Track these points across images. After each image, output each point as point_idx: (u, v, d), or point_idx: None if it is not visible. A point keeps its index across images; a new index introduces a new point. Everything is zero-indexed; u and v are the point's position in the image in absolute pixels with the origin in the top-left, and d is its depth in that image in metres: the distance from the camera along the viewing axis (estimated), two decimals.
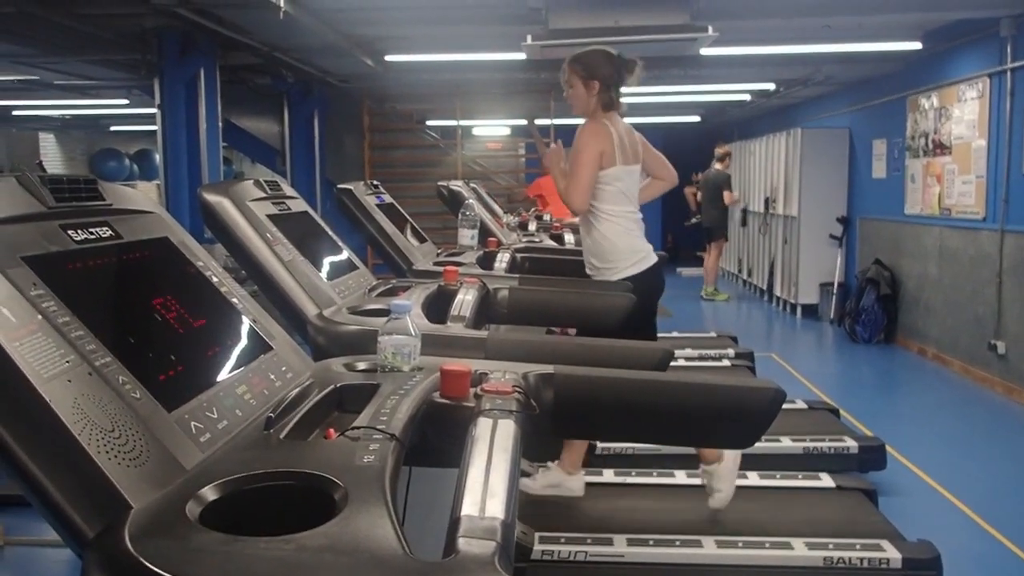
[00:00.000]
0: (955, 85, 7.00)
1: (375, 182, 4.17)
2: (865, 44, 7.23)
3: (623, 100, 3.38)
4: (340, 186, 3.84)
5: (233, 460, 1.24)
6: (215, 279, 1.73)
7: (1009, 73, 6.20)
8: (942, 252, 7.28)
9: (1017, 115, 6.12)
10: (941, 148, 7.27)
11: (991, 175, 6.49)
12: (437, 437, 1.54)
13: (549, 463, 3.51)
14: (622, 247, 3.35)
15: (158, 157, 7.54)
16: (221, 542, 1.01)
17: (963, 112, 6.90)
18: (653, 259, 3.40)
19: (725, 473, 3.28)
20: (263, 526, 1.05)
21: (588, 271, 3.47)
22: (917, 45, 7.15)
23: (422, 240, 4.20)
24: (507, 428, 1.35)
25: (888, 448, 4.36)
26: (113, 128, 15.47)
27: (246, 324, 1.70)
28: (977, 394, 6.39)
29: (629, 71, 3.32)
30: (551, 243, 5.26)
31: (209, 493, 1.13)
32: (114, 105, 11.49)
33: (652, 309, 3.44)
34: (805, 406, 4.97)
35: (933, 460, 4.73)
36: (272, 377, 1.61)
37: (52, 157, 15.84)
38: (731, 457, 3.28)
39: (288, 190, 2.89)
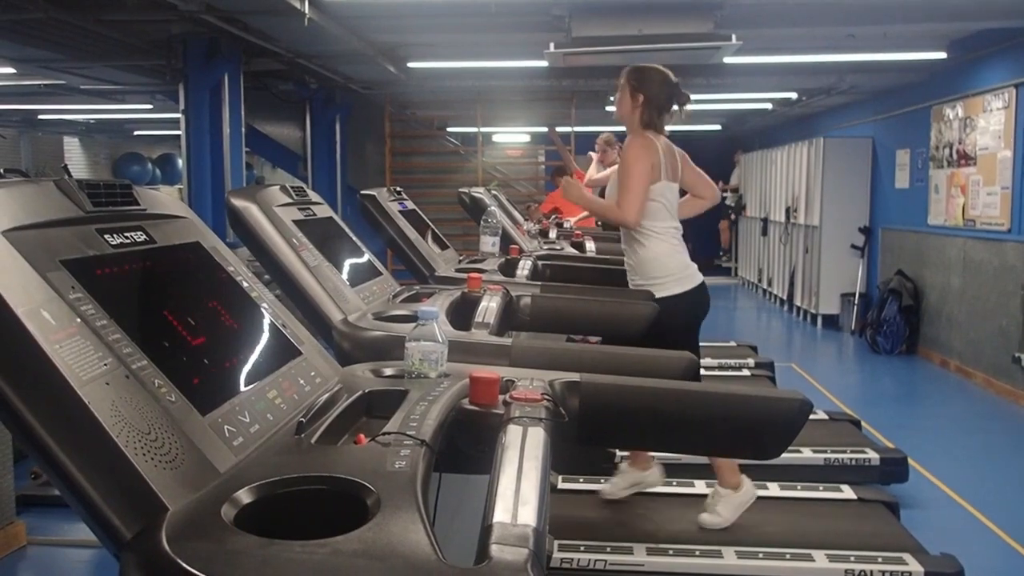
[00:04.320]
0: (980, 95, 6.95)
1: (398, 188, 4.19)
2: (889, 54, 7.20)
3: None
4: (364, 192, 3.86)
5: (266, 464, 1.25)
6: (245, 284, 1.75)
7: None
8: (966, 263, 7.22)
9: None
10: (966, 159, 7.22)
11: (1017, 186, 6.43)
12: (465, 444, 1.55)
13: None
14: (671, 265, 3.31)
15: (181, 161, 7.61)
16: (257, 545, 1.02)
17: (988, 122, 6.85)
18: (700, 277, 3.36)
19: (732, 503, 3.27)
20: (295, 530, 1.07)
21: (632, 287, 3.45)
22: (942, 55, 7.10)
23: (444, 247, 4.21)
24: (537, 436, 1.36)
25: (910, 460, 4.32)
26: (137, 132, 15.62)
27: (276, 329, 1.72)
28: (1001, 407, 6.33)
29: (681, 102, 3.32)
30: (572, 251, 5.26)
31: (244, 496, 1.14)
32: (138, 110, 11.61)
33: (696, 327, 3.41)
34: (826, 417, 4.94)
35: (956, 473, 4.69)
36: (302, 382, 1.62)
37: (76, 161, 16.01)
38: (745, 494, 3.27)
39: (313, 196, 2.91)
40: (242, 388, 1.44)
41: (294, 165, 11.15)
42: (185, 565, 0.99)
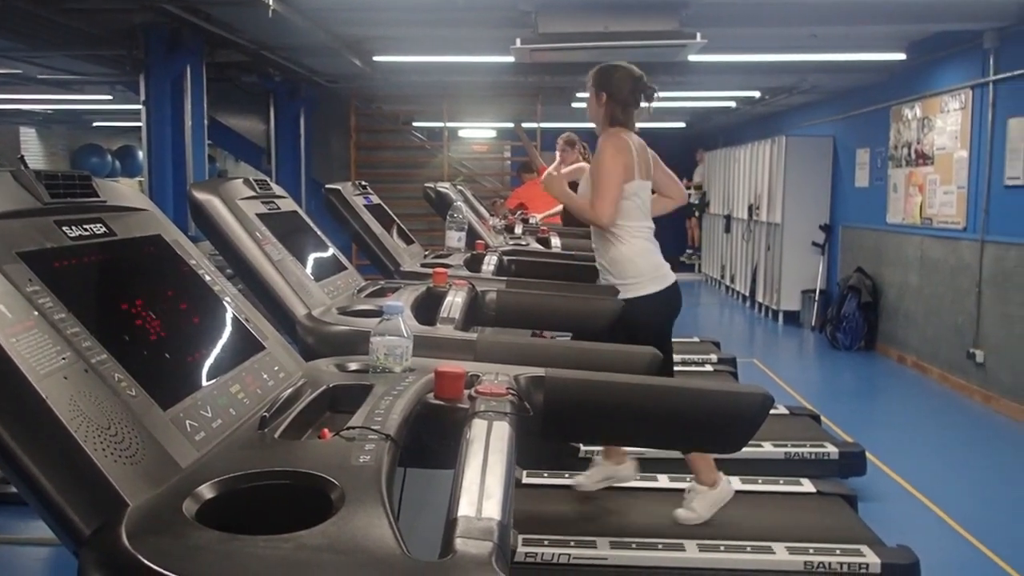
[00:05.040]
0: (938, 96, 7.08)
1: (363, 183, 4.17)
2: (850, 54, 7.30)
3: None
4: (329, 186, 3.84)
5: (229, 459, 1.24)
6: (208, 277, 1.73)
7: (991, 85, 6.27)
8: (923, 261, 7.36)
9: (999, 127, 6.19)
10: (923, 158, 7.35)
11: (972, 186, 6.56)
12: (430, 438, 1.55)
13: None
14: (645, 264, 3.31)
15: (141, 154, 7.49)
16: (219, 540, 1.02)
17: (945, 123, 6.98)
18: (672, 277, 3.37)
19: (709, 500, 3.29)
20: (259, 525, 1.06)
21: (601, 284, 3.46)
22: (901, 56, 7.22)
23: (409, 242, 4.20)
24: (502, 430, 1.36)
25: (868, 454, 4.39)
26: (96, 124, 15.35)
27: (239, 323, 1.70)
28: (956, 402, 6.46)
29: (648, 98, 3.32)
30: (538, 247, 5.27)
31: (206, 491, 1.14)
32: (97, 101, 11.41)
33: (669, 326, 3.43)
34: (787, 412, 5.00)
35: (912, 466, 4.78)
36: (265, 377, 1.61)
37: (33, 152, 15.69)
38: (722, 492, 3.30)
39: (277, 189, 2.89)
40: (204, 383, 1.43)
41: (258, 158, 11.04)
42: (145, 561, 0.98)
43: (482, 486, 1.14)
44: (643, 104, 3.35)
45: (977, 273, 6.40)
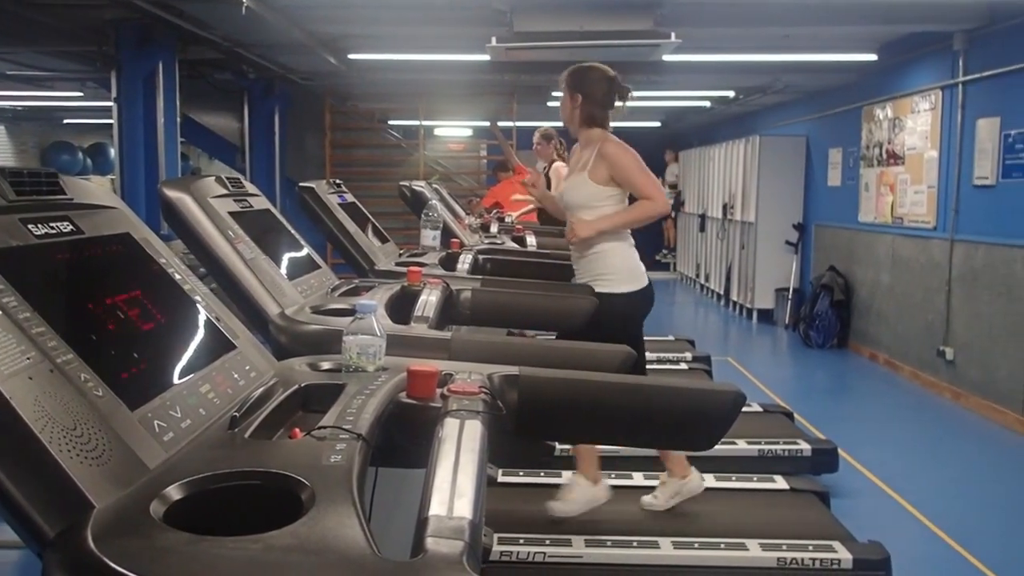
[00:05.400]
0: (909, 97, 7.16)
1: (338, 181, 4.16)
2: (823, 55, 7.37)
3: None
4: (303, 184, 3.81)
5: (197, 459, 1.23)
6: (177, 276, 1.71)
7: (961, 86, 6.35)
8: (894, 260, 7.44)
9: (968, 127, 6.27)
10: (894, 158, 7.43)
11: (942, 185, 6.64)
12: (403, 437, 1.55)
13: (575, 477, 3.40)
14: (625, 263, 3.34)
15: (113, 151, 7.41)
16: (187, 542, 1.01)
17: (916, 123, 7.06)
18: (647, 278, 3.40)
19: (673, 489, 3.35)
20: (228, 526, 1.05)
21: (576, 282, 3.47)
22: (873, 57, 7.30)
23: (384, 240, 4.19)
24: (474, 428, 1.36)
25: (840, 451, 4.44)
26: (67, 121, 15.15)
27: (209, 322, 1.69)
28: (926, 399, 6.54)
29: (622, 96, 3.34)
30: (513, 245, 5.27)
31: (173, 492, 1.12)
32: (68, 97, 11.26)
33: (641, 326, 3.45)
34: (760, 409, 5.04)
35: (883, 463, 4.83)
36: (236, 376, 1.60)
37: (2, 149, 15.47)
38: (694, 484, 3.35)
39: (250, 187, 2.86)
40: (174, 382, 1.41)
41: (232, 156, 10.95)
42: (111, 563, 0.97)
43: (453, 485, 1.14)
44: (618, 103, 3.37)
45: (947, 272, 6.48)
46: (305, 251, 2.98)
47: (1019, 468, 4.98)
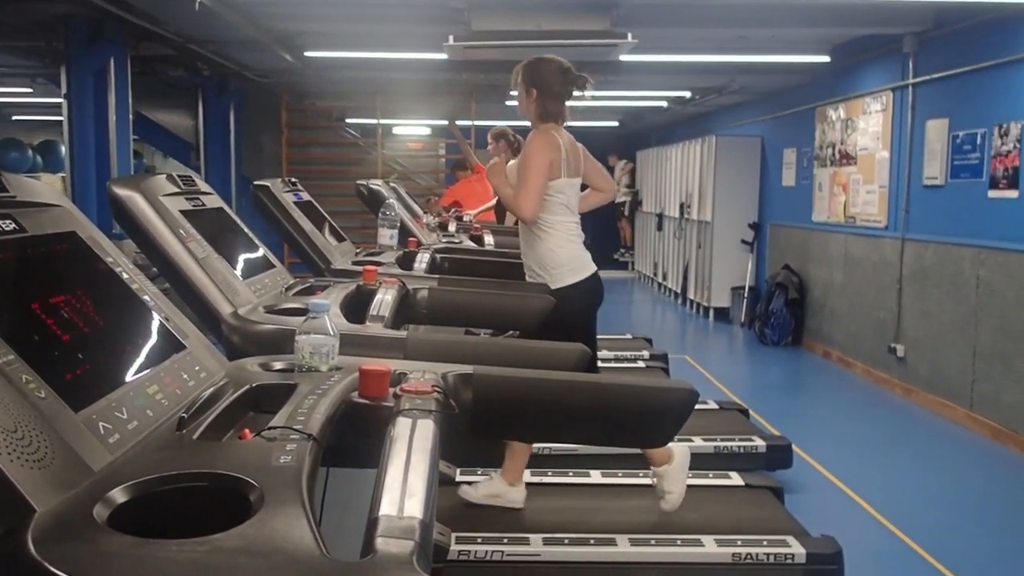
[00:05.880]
0: (861, 98, 7.29)
1: (293, 179, 4.11)
2: (777, 56, 7.47)
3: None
4: (257, 183, 3.77)
5: (144, 461, 1.21)
6: (125, 276, 1.68)
7: (911, 88, 6.48)
8: (847, 259, 7.57)
9: (918, 128, 6.40)
10: (847, 158, 7.56)
11: (893, 185, 6.77)
12: (355, 437, 1.54)
13: (492, 473, 3.43)
14: (564, 255, 3.35)
15: (64, 149, 7.26)
16: (130, 545, 0.99)
17: (868, 124, 7.19)
18: (593, 267, 3.41)
19: (675, 474, 3.32)
20: (176, 529, 1.03)
21: (529, 278, 3.47)
22: (826, 58, 7.41)
23: (341, 239, 4.15)
24: (426, 428, 1.35)
25: (794, 447, 4.50)
26: (16, 117, 14.82)
27: (158, 322, 1.66)
28: (878, 395, 6.66)
29: (580, 87, 3.32)
30: (471, 244, 5.26)
31: (118, 495, 1.10)
32: (17, 94, 11.02)
33: (592, 317, 3.45)
34: (716, 406, 5.09)
35: (836, 458, 4.91)
36: (185, 377, 1.58)
37: None
38: (680, 459, 3.32)
39: (203, 185, 2.82)
40: (120, 384, 1.39)
41: (186, 154, 10.80)
42: (52, 568, 0.94)
43: (404, 485, 1.13)
44: (576, 94, 3.34)
45: (898, 270, 6.61)
46: (259, 250, 2.95)
47: (967, 462, 5.10)
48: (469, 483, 3.47)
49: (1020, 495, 4.58)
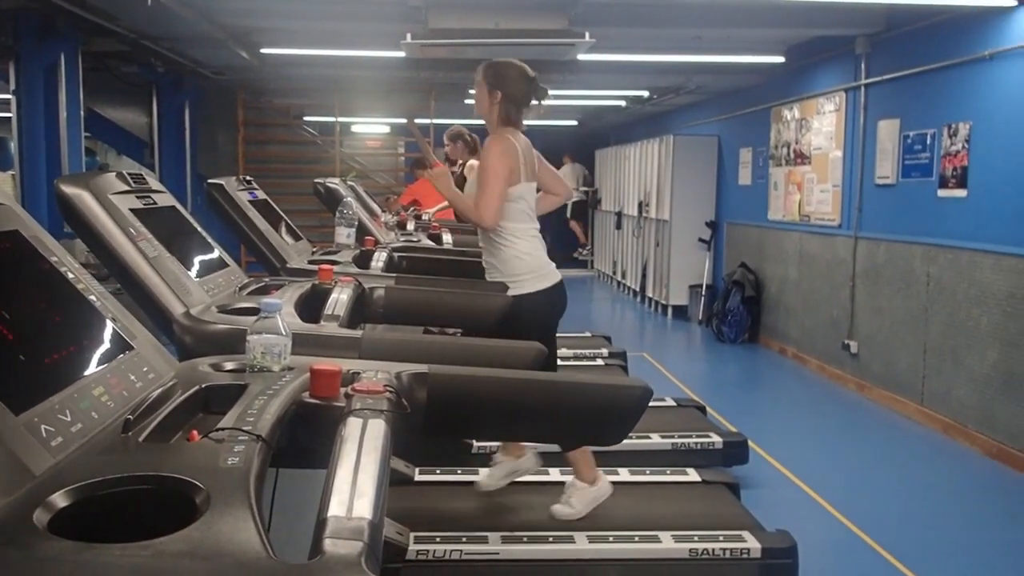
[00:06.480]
0: (815, 98, 7.39)
1: (248, 177, 4.07)
2: (732, 56, 7.55)
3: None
4: (211, 181, 3.73)
5: (87, 464, 1.18)
6: (71, 275, 1.65)
7: (863, 88, 6.59)
8: (801, 256, 7.67)
9: (870, 128, 6.51)
10: (801, 158, 7.66)
11: (846, 184, 6.88)
12: (307, 438, 1.52)
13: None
14: (530, 263, 3.33)
15: (13, 146, 7.10)
16: (72, 550, 0.97)
17: (821, 124, 7.29)
18: (558, 276, 3.40)
19: (589, 497, 3.32)
20: (121, 534, 1.01)
21: (489, 277, 3.45)
22: (780, 59, 7.51)
23: (297, 238, 4.12)
24: (377, 428, 1.34)
25: (750, 443, 4.56)
26: None
27: (104, 323, 1.63)
28: (832, 391, 6.76)
29: (539, 97, 3.33)
30: (429, 243, 5.25)
31: (59, 500, 1.08)
32: None
33: (554, 326, 3.45)
34: (674, 403, 5.13)
35: (791, 454, 4.98)
36: (132, 378, 1.55)
37: None
38: (601, 491, 3.33)
39: (154, 183, 2.78)
40: (64, 385, 1.36)
41: (141, 152, 10.61)
42: None
43: (354, 485, 1.13)
44: (534, 103, 3.36)
45: (851, 268, 6.72)
46: (213, 249, 2.91)
47: (918, 456, 5.20)
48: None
49: (969, 488, 4.68)
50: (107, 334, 1.61)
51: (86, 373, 1.44)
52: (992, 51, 5.07)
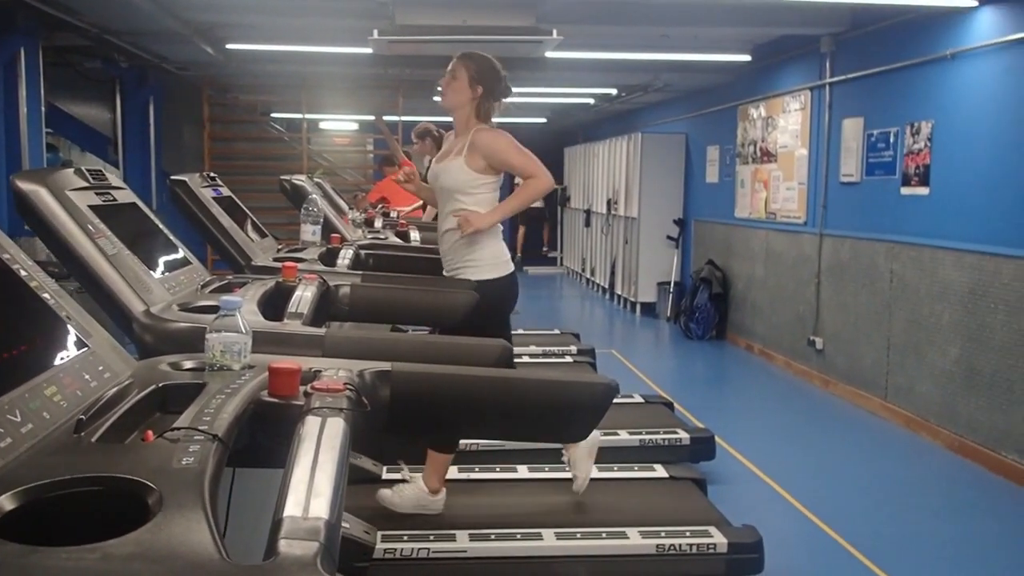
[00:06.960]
0: (780, 97, 7.46)
1: (212, 174, 4.02)
2: (699, 55, 7.59)
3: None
4: (174, 177, 3.67)
5: (37, 466, 1.16)
6: (24, 273, 1.61)
7: (828, 87, 6.65)
8: (768, 254, 7.74)
9: (835, 126, 6.58)
10: (768, 156, 7.73)
11: (811, 182, 6.95)
12: (265, 437, 1.50)
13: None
14: (499, 250, 3.44)
15: None
16: (17, 554, 0.94)
17: (787, 122, 7.36)
18: (512, 267, 3.49)
19: (419, 501, 3.28)
20: (71, 537, 0.99)
21: (446, 273, 3.47)
22: (747, 58, 7.57)
23: (263, 235, 4.07)
24: (336, 426, 1.33)
25: (717, 439, 4.58)
26: None
27: (58, 321, 1.59)
28: (798, 387, 6.83)
29: (507, 95, 3.42)
30: (396, 240, 5.22)
31: (6, 502, 1.05)
32: None
33: (508, 313, 3.50)
34: (642, 400, 5.16)
35: (758, 450, 5.02)
36: (87, 377, 1.52)
37: None
38: (435, 502, 3.29)
39: (114, 180, 2.73)
40: (14, 385, 1.33)
41: (104, 148, 10.44)
42: None
43: (311, 485, 1.11)
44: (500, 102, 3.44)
45: (816, 265, 6.79)
46: (175, 246, 2.87)
47: (882, 451, 5.26)
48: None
49: (932, 481, 4.75)
50: (61, 333, 1.57)
51: (38, 372, 1.41)
52: (953, 51, 5.14)
